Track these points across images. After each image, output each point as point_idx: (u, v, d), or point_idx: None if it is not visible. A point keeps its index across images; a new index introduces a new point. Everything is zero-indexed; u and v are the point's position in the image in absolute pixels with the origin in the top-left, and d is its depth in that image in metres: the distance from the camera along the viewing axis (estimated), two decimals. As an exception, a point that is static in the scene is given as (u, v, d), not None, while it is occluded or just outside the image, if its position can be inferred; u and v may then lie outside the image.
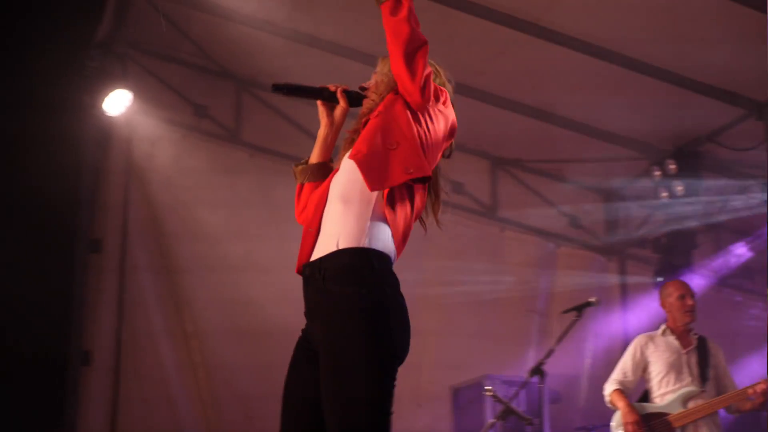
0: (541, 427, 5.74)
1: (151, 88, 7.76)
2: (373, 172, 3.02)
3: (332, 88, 3.28)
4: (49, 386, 7.35)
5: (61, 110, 7.42)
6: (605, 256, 9.31)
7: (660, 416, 6.02)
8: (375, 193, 3.03)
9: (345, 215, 3.05)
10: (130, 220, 7.83)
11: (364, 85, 3.33)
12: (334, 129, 3.35)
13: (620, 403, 6.11)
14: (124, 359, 7.68)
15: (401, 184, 3.04)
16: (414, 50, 3.04)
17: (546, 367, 5.98)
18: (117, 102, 7.22)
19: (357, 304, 2.91)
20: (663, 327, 6.31)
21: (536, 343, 8.90)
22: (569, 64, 7.23)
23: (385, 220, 3.02)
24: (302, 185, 3.34)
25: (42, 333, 7.28)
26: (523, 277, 8.92)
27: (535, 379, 5.96)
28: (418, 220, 3.19)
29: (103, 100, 7.21)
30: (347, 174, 3.11)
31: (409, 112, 3.12)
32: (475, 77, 7.49)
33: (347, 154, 3.17)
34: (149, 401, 7.72)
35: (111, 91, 7.18)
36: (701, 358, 6.12)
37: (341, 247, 2.99)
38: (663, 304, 6.38)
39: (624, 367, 6.29)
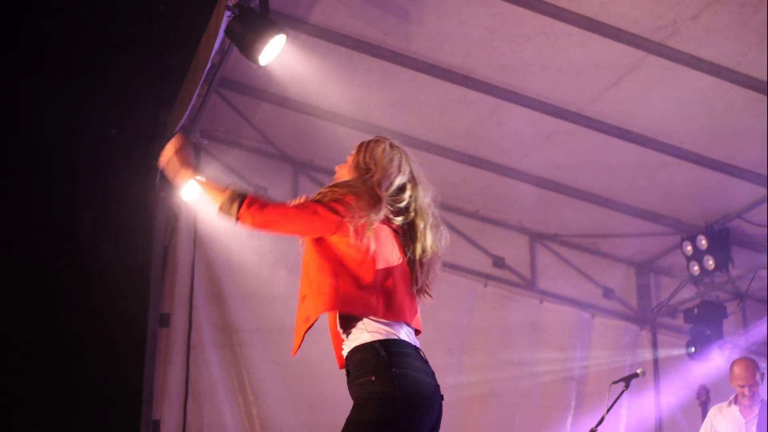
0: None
1: (216, 173, 8.12)
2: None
3: None
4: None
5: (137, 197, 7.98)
6: (638, 325, 9.71)
7: None
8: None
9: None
10: (195, 296, 8.18)
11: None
12: None
13: None
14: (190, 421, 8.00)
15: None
16: (288, 221, 3.34)
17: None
18: (191, 188, 7.54)
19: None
20: (731, 398, 6.84)
21: (574, 408, 9.29)
22: (608, 150, 7.79)
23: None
24: None
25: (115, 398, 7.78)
26: (561, 344, 9.34)
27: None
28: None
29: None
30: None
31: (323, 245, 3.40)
32: (520, 160, 8.09)
33: None
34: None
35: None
36: (761, 423, 6.61)
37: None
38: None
39: None
